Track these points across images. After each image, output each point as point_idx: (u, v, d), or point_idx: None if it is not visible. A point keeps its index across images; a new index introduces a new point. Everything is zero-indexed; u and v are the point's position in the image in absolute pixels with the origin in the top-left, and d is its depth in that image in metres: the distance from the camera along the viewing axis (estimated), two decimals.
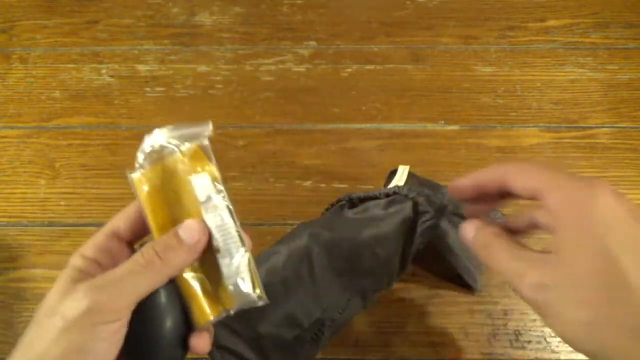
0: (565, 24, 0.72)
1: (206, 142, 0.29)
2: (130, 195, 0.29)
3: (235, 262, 0.28)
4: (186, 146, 0.29)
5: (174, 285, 0.28)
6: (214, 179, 0.29)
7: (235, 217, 0.29)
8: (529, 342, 0.50)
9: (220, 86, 0.67)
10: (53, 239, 0.56)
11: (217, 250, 0.28)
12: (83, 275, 0.27)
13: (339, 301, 0.43)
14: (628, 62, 0.68)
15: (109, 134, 0.64)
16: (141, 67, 0.69)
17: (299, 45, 0.71)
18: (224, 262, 0.28)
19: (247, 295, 0.28)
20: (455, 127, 0.63)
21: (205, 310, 0.28)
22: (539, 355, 0.49)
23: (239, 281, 0.28)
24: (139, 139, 0.28)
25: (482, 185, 0.30)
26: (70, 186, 0.60)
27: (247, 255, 0.28)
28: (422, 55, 0.70)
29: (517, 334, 0.50)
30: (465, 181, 0.31)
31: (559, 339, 0.50)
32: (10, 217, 0.58)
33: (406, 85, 0.67)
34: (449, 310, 0.51)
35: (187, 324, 0.29)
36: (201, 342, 0.29)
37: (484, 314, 0.51)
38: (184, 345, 0.29)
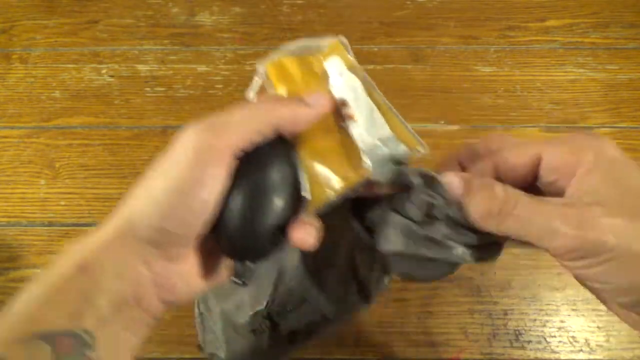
0: (565, 24, 0.72)
1: (344, 39, 0.30)
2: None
3: (370, 129, 0.27)
4: (326, 41, 0.29)
5: (292, 162, 0.26)
6: (349, 65, 0.29)
7: (375, 90, 0.28)
8: (529, 342, 0.50)
9: (220, 86, 0.67)
10: (53, 239, 0.56)
11: (350, 118, 0.27)
12: None
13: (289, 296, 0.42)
14: (628, 62, 0.68)
15: (109, 134, 0.64)
16: (141, 67, 0.69)
17: None
18: (357, 131, 0.27)
19: (388, 153, 0.27)
20: (455, 127, 0.63)
21: (328, 187, 0.26)
22: (539, 355, 0.49)
23: (378, 144, 0.27)
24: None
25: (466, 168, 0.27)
26: (70, 186, 0.60)
27: (386, 121, 0.28)
28: (422, 55, 0.70)
29: (517, 334, 0.50)
30: (449, 167, 0.28)
31: (559, 338, 0.50)
32: (10, 217, 0.58)
33: (406, 85, 0.67)
34: (449, 310, 0.51)
35: (295, 210, 0.26)
36: (303, 233, 0.26)
37: (484, 314, 0.51)
38: (283, 233, 0.26)
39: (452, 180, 0.26)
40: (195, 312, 0.47)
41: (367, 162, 0.27)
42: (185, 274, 0.26)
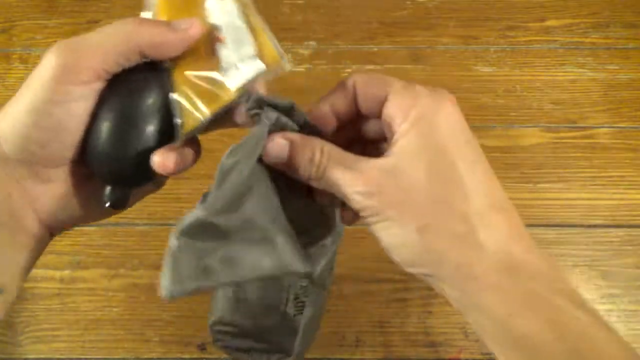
0: (565, 24, 0.72)
1: None
2: None
3: (237, 50, 0.26)
4: None
5: (163, 87, 0.26)
6: None
7: (252, 12, 0.27)
8: None
9: None
10: (53, 239, 0.56)
11: (220, 41, 0.27)
12: None
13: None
14: (628, 62, 0.68)
15: None
16: None
17: (299, 45, 0.71)
18: (225, 54, 0.26)
19: (253, 67, 0.26)
20: None
21: (196, 111, 0.26)
22: None
23: (239, 64, 0.26)
24: None
25: (337, 108, 0.27)
26: None
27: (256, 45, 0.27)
28: (422, 55, 0.70)
29: None
30: (322, 107, 0.27)
31: None
32: None
33: None
34: (448, 310, 0.51)
35: (165, 136, 0.26)
36: (166, 161, 0.25)
37: None
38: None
39: (278, 142, 0.25)
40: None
41: (229, 83, 0.26)
42: (61, 197, 0.26)
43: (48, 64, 0.24)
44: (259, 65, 0.26)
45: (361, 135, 0.28)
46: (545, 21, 0.73)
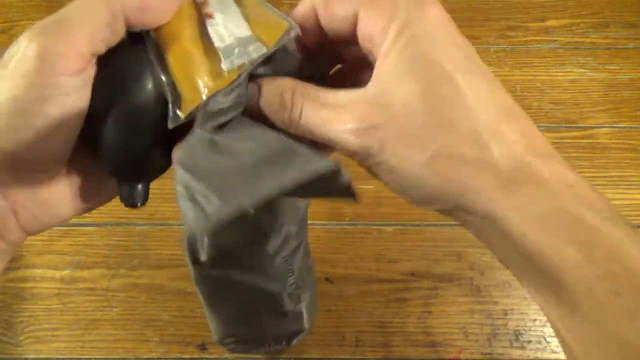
0: (565, 24, 0.72)
1: None
2: None
3: (230, 29, 0.23)
4: None
5: (158, 65, 0.23)
6: None
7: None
8: (529, 342, 0.50)
9: None
10: (53, 239, 0.56)
11: (209, 17, 0.23)
12: None
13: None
14: (628, 62, 0.68)
15: None
16: None
17: None
18: (216, 32, 0.23)
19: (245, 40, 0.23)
20: None
21: (196, 90, 0.22)
22: (538, 355, 0.49)
23: (234, 45, 0.23)
24: None
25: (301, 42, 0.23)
26: None
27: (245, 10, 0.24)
28: None
29: (517, 334, 0.50)
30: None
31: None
32: None
33: None
34: (449, 310, 0.51)
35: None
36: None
37: (484, 314, 0.51)
38: (161, 145, 0.23)
39: (249, 88, 0.23)
40: None
41: (224, 66, 0.23)
42: (53, 201, 0.24)
43: (28, 52, 0.20)
44: (254, 48, 0.23)
45: (340, 69, 0.25)
46: (545, 21, 0.73)
